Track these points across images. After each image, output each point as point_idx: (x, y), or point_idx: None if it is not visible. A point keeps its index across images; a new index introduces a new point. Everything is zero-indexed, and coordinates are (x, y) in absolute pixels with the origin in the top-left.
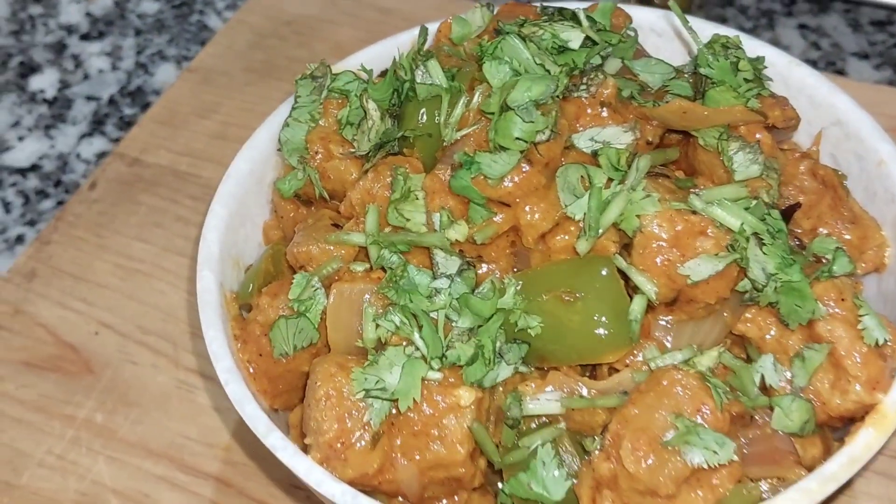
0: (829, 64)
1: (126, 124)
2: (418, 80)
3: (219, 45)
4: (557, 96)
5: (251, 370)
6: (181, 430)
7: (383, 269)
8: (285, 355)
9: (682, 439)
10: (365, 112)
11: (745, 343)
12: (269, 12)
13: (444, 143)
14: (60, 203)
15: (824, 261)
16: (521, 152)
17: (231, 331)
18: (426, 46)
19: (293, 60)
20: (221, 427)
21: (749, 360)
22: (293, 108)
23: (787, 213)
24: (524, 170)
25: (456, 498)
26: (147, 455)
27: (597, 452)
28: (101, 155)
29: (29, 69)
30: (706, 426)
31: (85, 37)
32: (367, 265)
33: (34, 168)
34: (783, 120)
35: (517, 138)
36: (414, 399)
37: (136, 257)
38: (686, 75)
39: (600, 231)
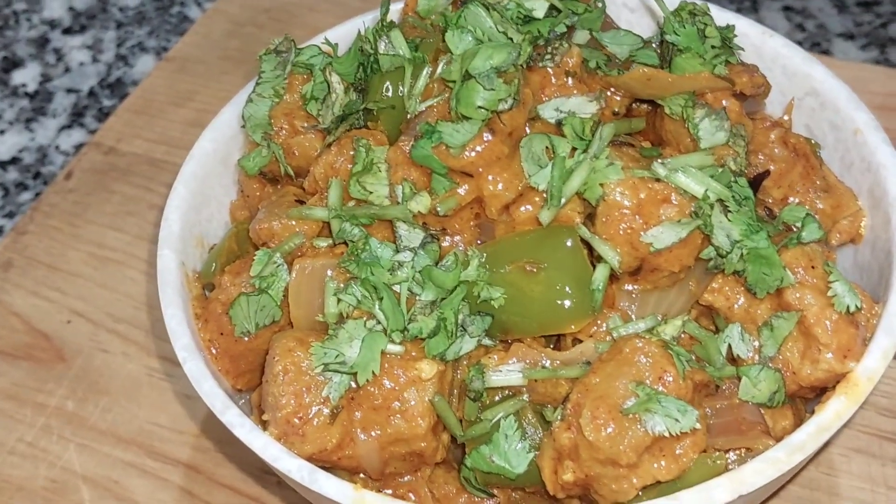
0: (815, 45)
1: (105, 115)
2: (381, 50)
3: (196, 35)
4: (521, 65)
5: (213, 350)
6: (151, 418)
7: (346, 243)
8: (247, 333)
9: (643, 407)
10: (329, 86)
11: (712, 314)
12: (248, 1)
13: (409, 115)
14: (39, 195)
15: (794, 229)
16: (484, 121)
17: (193, 310)
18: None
19: None
20: (191, 414)
21: (717, 330)
22: (256, 84)
23: (756, 182)
24: (486, 139)
25: (419, 473)
26: (117, 442)
27: (558, 422)
28: (80, 146)
29: (12, 64)
30: (668, 394)
31: (67, 31)
32: (331, 241)
33: (14, 161)
34: (751, 87)
35: (479, 107)
36: (373, 372)
37: (108, 246)
38: (654, 45)
39: (563, 200)
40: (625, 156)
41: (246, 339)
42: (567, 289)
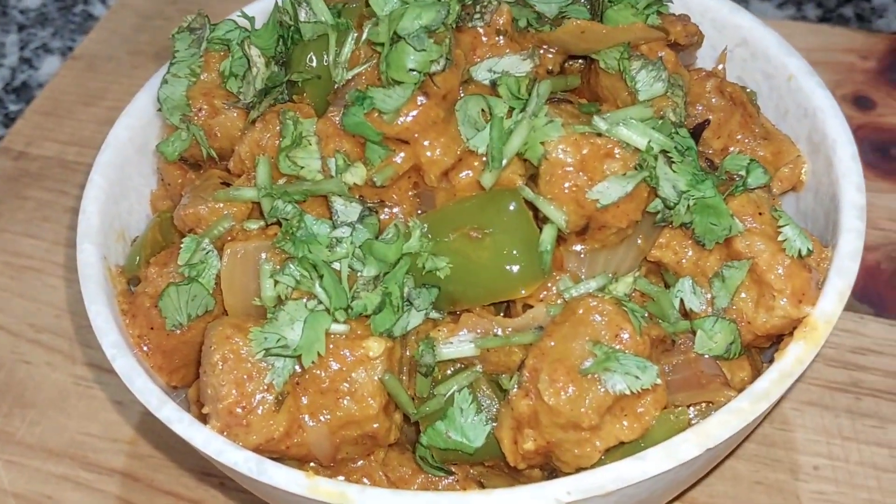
0: None
1: (11, 121)
2: (302, 19)
3: (103, 31)
4: (451, 24)
5: (144, 347)
6: (82, 428)
7: (279, 223)
8: (179, 326)
9: (602, 366)
10: (248, 60)
11: (661, 270)
12: None
13: (336, 85)
14: None
15: (737, 177)
16: (416, 84)
17: (119, 306)
18: None
19: None
20: (124, 421)
21: (667, 286)
22: (171, 64)
23: (696, 132)
24: (421, 103)
25: (371, 457)
26: (47, 456)
27: (515, 391)
28: None
29: None
30: (626, 351)
31: None
32: (262, 222)
33: None
34: (685, 36)
35: (410, 69)
36: (318, 353)
37: (25, 254)
38: (582, 1)
39: (504, 162)
40: (564, 113)
41: (178, 331)
42: (515, 253)
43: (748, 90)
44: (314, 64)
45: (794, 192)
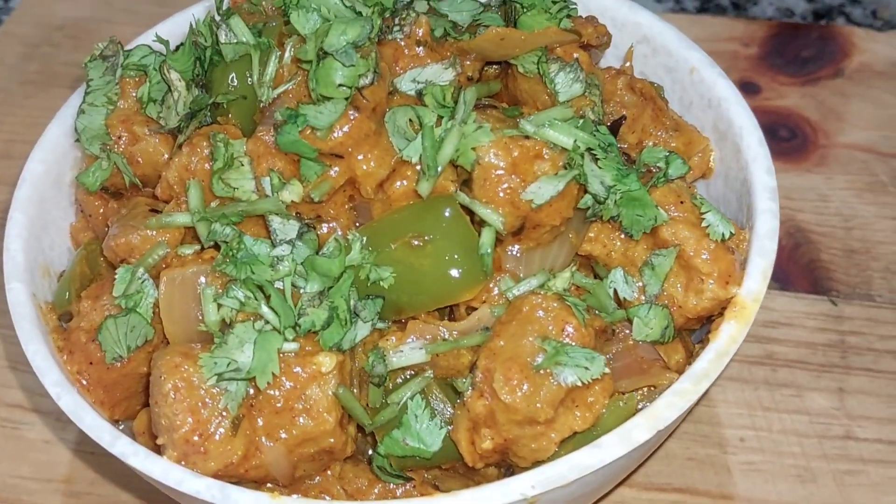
0: None
1: None
2: (222, 40)
3: None
4: (374, 38)
5: (84, 382)
6: (12, 470)
7: (216, 246)
8: (119, 359)
9: (553, 360)
10: (168, 85)
11: (591, 263)
12: (39, 20)
13: (262, 104)
14: None
15: (654, 170)
16: (347, 99)
17: (54, 343)
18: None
19: (72, 66)
20: (56, 459)
21: (598, 278)
22: (86, 94)
23: (614, 128)
24: (352, 117)
25: (329, 472)
26: None
27: (469, 392)
28: None
29: None
30: (573, 344)
31: None
32: (196, 247)
33: None
34: (596, 37)
35: (340, 85)
36: (273, 373)
37: None
38: (494, 8)
39: (439, 169)
40: (491, 118)
41: (118, 364)
42: (456, 257)
43: (655, 85)
44: (236, 84)
45: (704, 180)
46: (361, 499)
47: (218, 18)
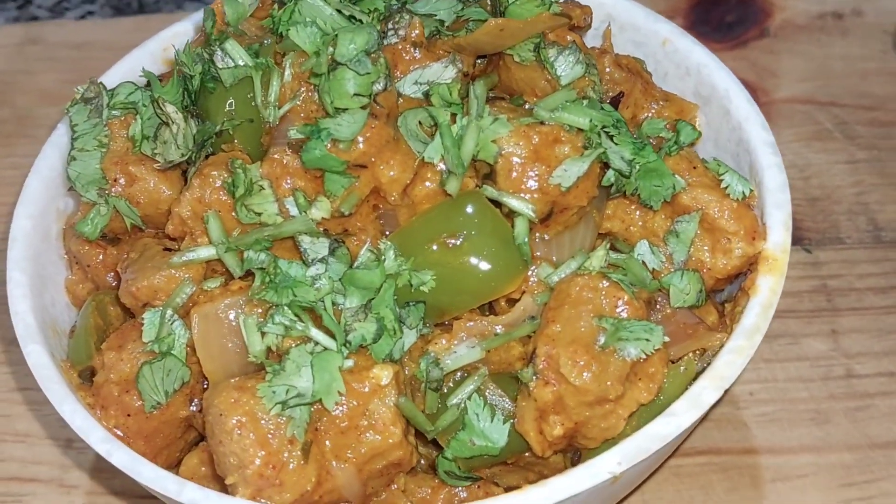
0: None
1: None
2: (220, 65)
3: None
4: (380, 44)
5: (121, 436)
6: None
7: (247, 275)
8: (157, 406)
9: (615, 337)
10: (167, 118)
11: (611, 240)
12: None
13: (268, 125)
14: None
15: (652, 141)
16: (363, 108)
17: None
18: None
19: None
20: None
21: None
22: (74, 139)
23: (614, 105)
24: (372, 126)
25: (394, 486)
26: None
27: (533, 382)
28: None
29: None
30: (629, 319)
31: None
32: (220, 280)
33: None
34: (583, 18)
35: (355, 94)
36: (339, 392)
37: None
38: (472, 3)
39: (465, 166)
40: (502, 109)
41: (156, 412)
42: (494, 251)
43: (637, 58)
44: (236, 108)
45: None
46: None
47: (210, 44)
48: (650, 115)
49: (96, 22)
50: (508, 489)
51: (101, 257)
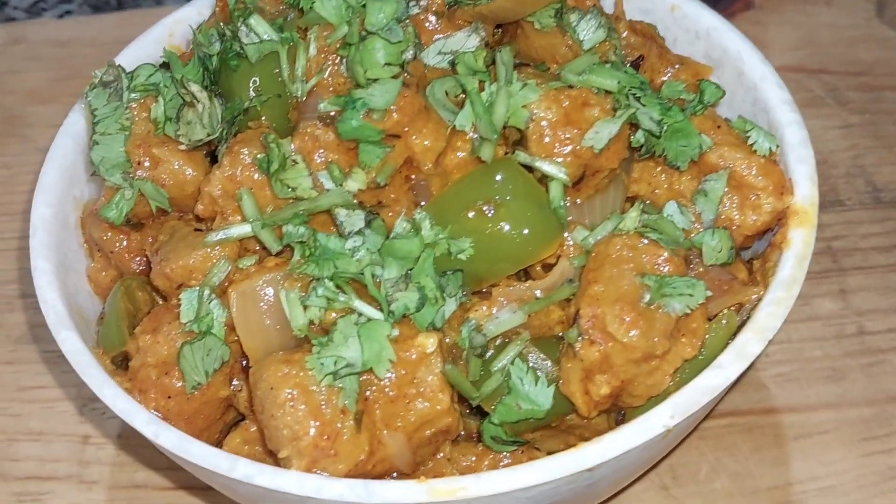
0: None
1: None
2: (244, 41)
3: None
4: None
5: (162, 419)
6: None
7: (279, 252)
8: (198, 386)
9: (659, 293)
10: (191, 97)
11: (638, 202)
12: None
13: (296, 100)
14: None
15: (671, 102)
16: (400, 77)
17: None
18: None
19: None
20: None
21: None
22: (95, 124)
23: (634, 69)
24: (405, 94)
25: (440, 455)
26: None
27: (579, 342)
28: None
29: None
30: (672, 275)
31: None
32: (254, 258)
33: None
34: None
35: (386, 63)
36: (389, 360)
37: None
38: None
39: (498, 132)
40: (529, 75)
41: (196, 393)
42: (530, 216)
43: (649, 23)
44: (260, 84)
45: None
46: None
47: (233, 20)
48: (667, 78)
49: (78, 19)
50: (550, 454)
51: (124, 243)
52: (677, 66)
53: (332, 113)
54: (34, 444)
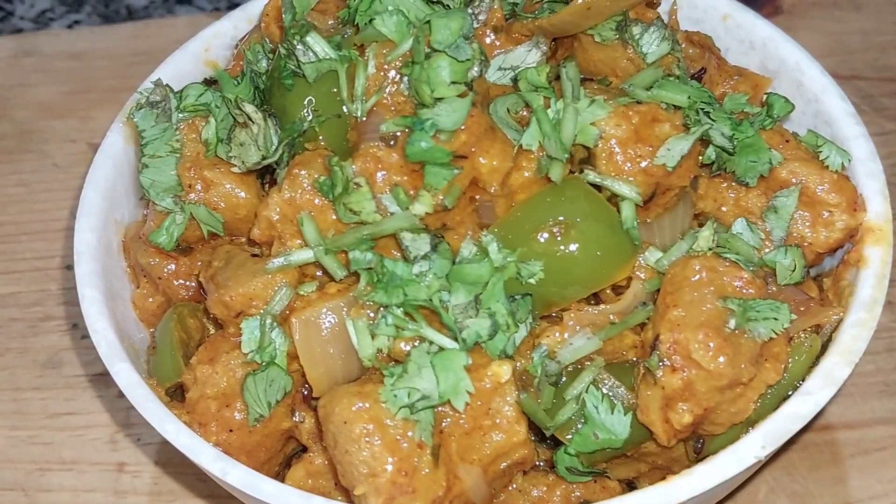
0: None
1: None
2: (302, 59)
3: None
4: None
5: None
6: None
7: (355, 275)
8: (260, 418)
9: (744, 318)
10: (245, 118)
11: (702, 221)
12: None
13: (357, 120)
14: None
15: (736, 116)
16: (461, 96)
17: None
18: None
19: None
20: None
21: None
22: (144, 146)
23: (697, 81)
24: (472, 114)
25: (512, 486)
26: None
27: (660, 370)
28: None
29: None
30: (755, 298)
31: None
32: (315, 284)
33: None
34: None
35: (453, 82)
36: (468, 392)
37: None
38: None
39: (567, 150)
40: (595, 91)
41: (258, 425)
42: (603, 238)
43: (705, 34)
44: (316, 104)
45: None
46: None
47: (289, 38)
48: (727, 90)
49: (91, 30)
50: (621, 482)
51: (172, 268)
52: (736, 78)
53: (397, 133)
54: (67, 474)
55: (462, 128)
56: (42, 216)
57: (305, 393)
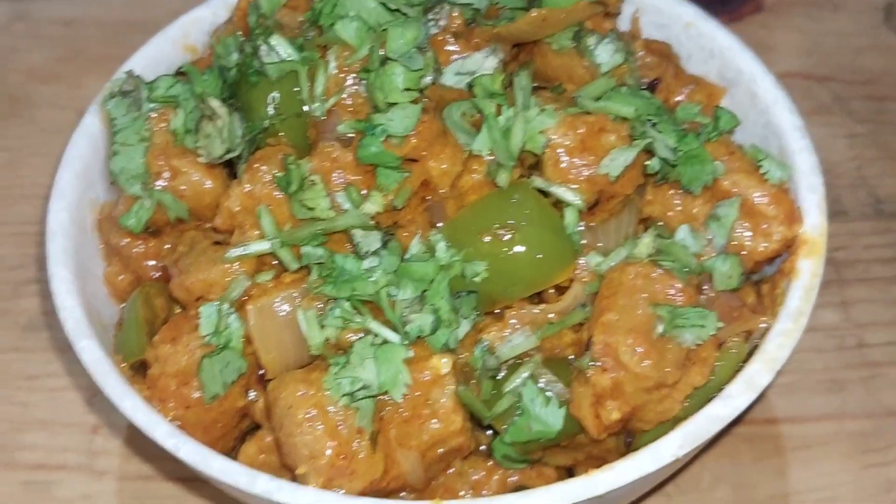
0: None
1: None
2: (265, 59)
3: None
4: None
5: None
6: None
7: (300, 270)
8: (216, 397)
9: (672, 325)
10: (210, 112)
11: (651, 224)
12: None
13: (314, 119)
14: None
15: (686, 126)
16: (413, 102)
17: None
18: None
19: None
20: None
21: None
22: (115, 133)
23: (650, 91)
24: (423, 120)
25: (451, 470)
26: None
27: (591, 369)
28: None
29: None
30: (684, 305)
31: None
32: (272, 273)
33: None
34: (616, 4)
35: (406, 89)
36: (406, 384)
37: None
38: None
39: (515, 157)
40: (546, 100)
41: (214, 403)
42: (546, 241)
43: (665, 42)
44: (279, 102)
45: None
46: (484, 489)
47: (254, 38)
48: (681, 98)
49: None
50: (560, 469)
51: (142, 248)
52: (691, 87)
53: (351, 135)
54: (41, 434)
55: (413, 133)
56: (27, 181)
57: (261, 373)
